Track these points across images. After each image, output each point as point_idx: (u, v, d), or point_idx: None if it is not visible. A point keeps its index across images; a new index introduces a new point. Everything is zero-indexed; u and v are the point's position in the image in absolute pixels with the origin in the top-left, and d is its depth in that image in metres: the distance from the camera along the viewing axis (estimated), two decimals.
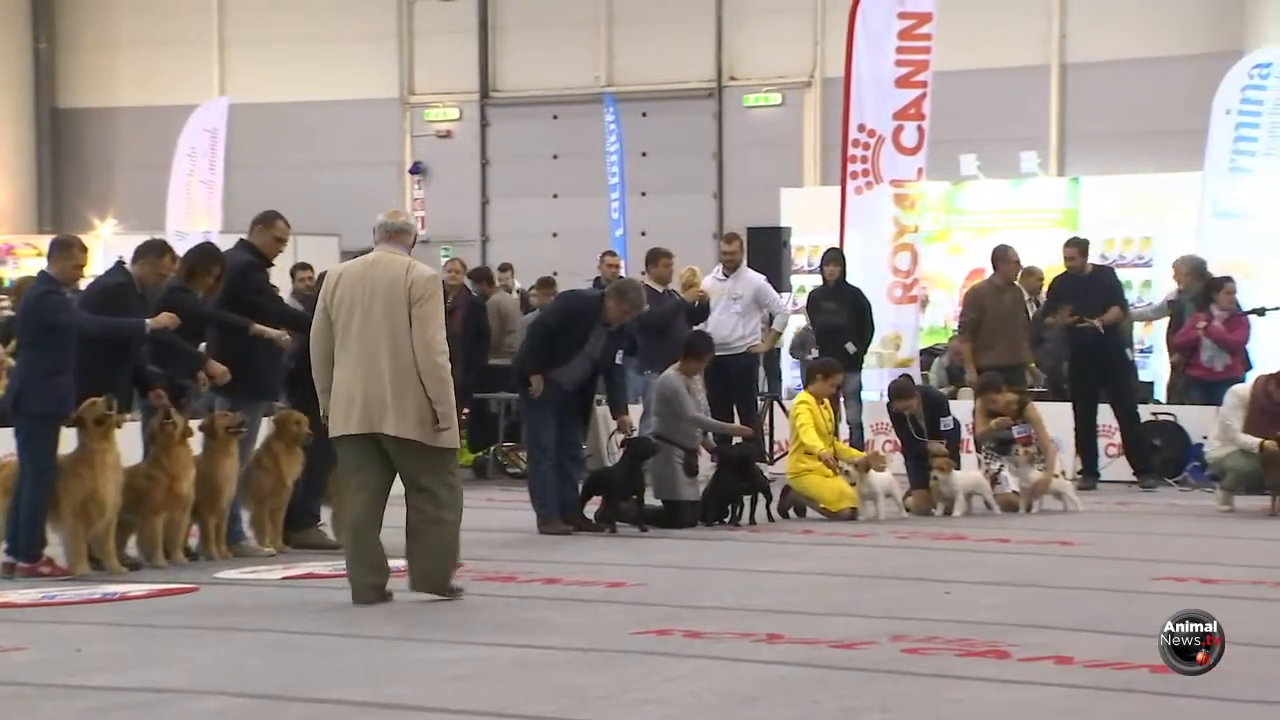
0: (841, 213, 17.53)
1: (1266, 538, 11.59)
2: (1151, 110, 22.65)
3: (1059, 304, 15.59)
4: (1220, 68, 19.56)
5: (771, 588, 9.26)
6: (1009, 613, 8.28)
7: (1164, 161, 21.08)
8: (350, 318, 8.66)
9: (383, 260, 8.76)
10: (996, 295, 15.72)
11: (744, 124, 25.81)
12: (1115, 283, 15.91)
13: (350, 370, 8.63)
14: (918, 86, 17.37)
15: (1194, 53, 22.27)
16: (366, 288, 8.66)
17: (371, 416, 8.59)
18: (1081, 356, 15.28)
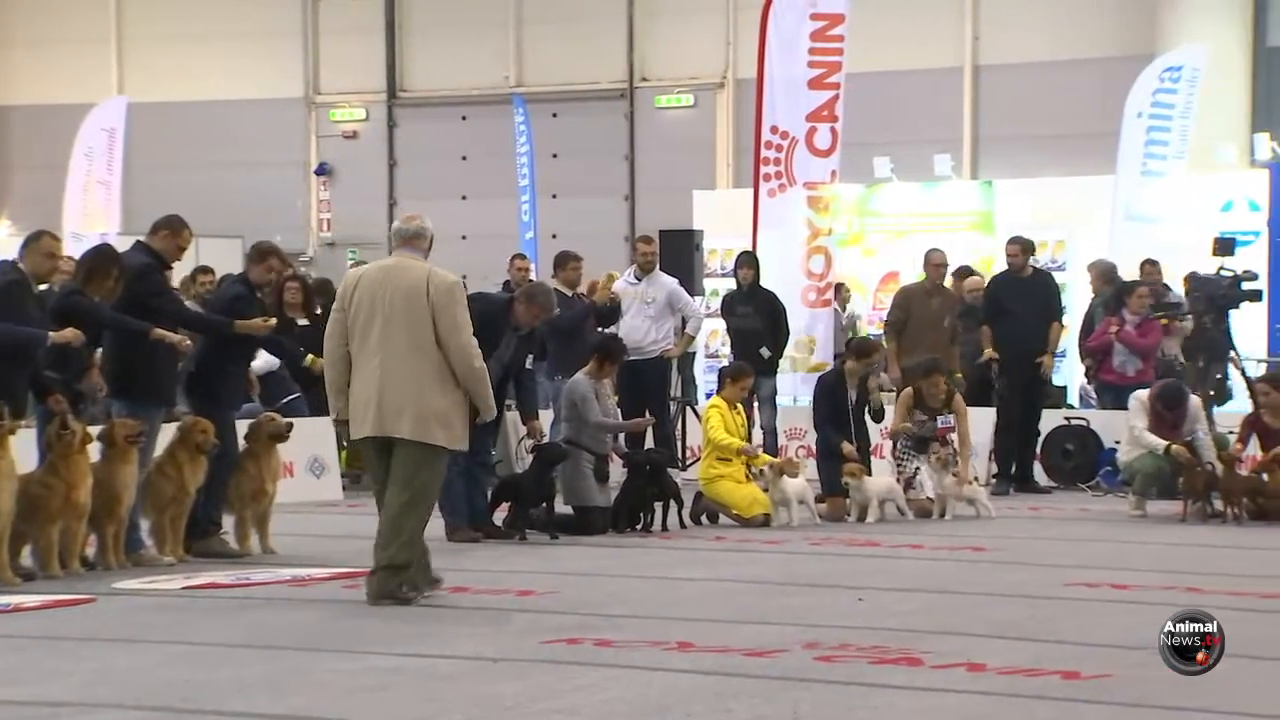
0: (754, 215, 17.61)
1: (1177, 542, 11.76)
2: (1064, 113, 22.93)
3: (997, 309, 15.67)
4: (1132, 71, 19.83)
5: (683, 595, 9.28)
6: (922, 619, 8.35)
7: (1077, 165, 21.34)
8: (369, 322, 8.83)
9: (401, 265, 8.94)
10: (924, 298, 15.85)
11: (656, 125, 25.88)
12: (1054, 288, 16.02)
13: (368, 374, 8.81)
14: (831, 88, 17.49)
15: (1106, 55, 22.57)
16: (385, 292, 8.82)
17: (386, 420, 8.77)
18: (1015, 364, 15.36)
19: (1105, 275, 17.16)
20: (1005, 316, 15.55)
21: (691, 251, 17.16)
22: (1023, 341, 15.41)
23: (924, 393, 13.67)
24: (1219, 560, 10.76)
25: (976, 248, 20.98)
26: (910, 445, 13.62)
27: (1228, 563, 10.63)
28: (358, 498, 15.11)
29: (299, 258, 23.43)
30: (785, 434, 16.15)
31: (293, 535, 11.54)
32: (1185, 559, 10.81)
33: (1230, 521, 12.80)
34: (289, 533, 11.51)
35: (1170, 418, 13.46)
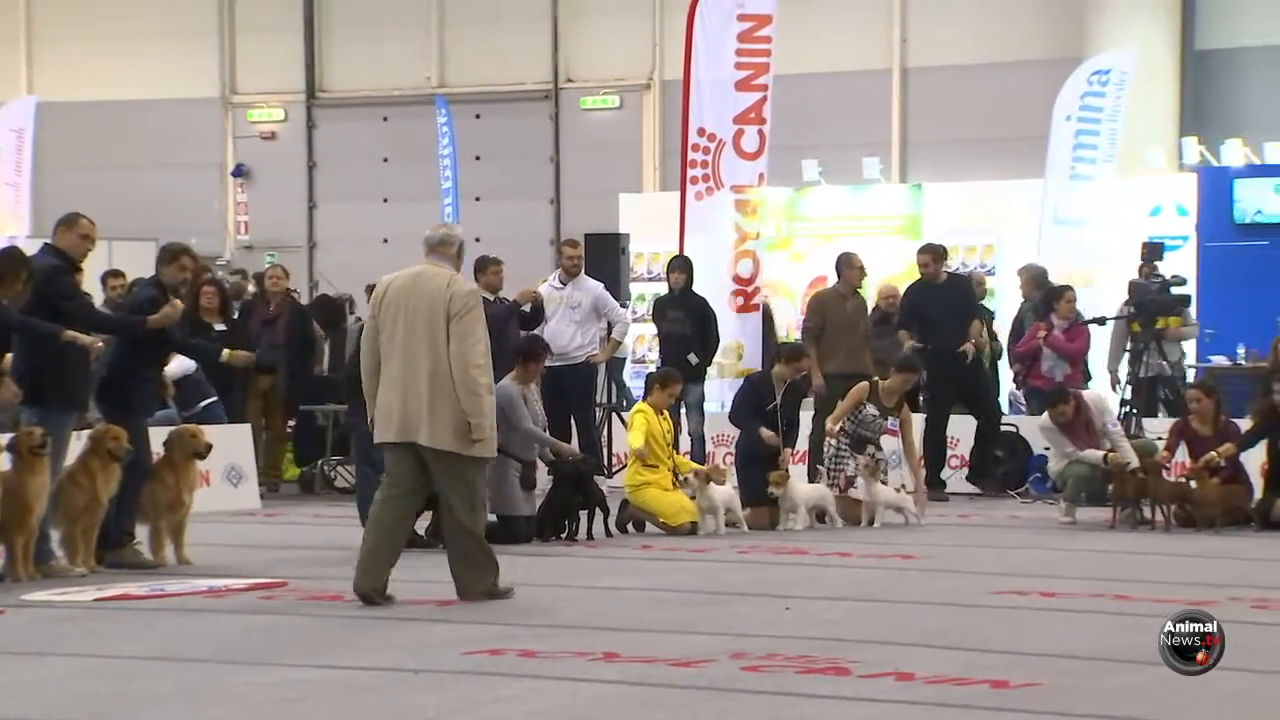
0: (681, 219, 17.63)
1: (1106, 550, 11.88)
2: (993, 116, 23.09)
3: (914, 315, 15.79)
4: (1060, 74, 20.01)
5: (609, 605, 9.28)
6: (850, 628, 8.40)
7: (1006, 168, 21.49)
8: (394, 329, 9.16)
9: (426, 273, 9.27)
10: (839, 303, 15.93)
11: (581, 127, 25.87)
12: (970, 291, 16.16)
13: (392, 380, 9.13)
14: (758, 90, 17.54)
15: (1034, 58, 22.74)
16: (410, 300, 9.16)
17: (408, 427, 9.09)
18: (938, 370, 15.47)
19: (1036, 280, 17.31)
20: (924, 324, 15.65)
21: (617, 255, 17.17)
22: (945, 347, 15.51)
23: (890, 389, 13.72)
24: (1147, 567, 10.87)
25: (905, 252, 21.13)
26: (848, 444, 13.66)
27: (1156, 570, 10.75)
28: (275, 507, 15.03)
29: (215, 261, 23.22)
30: (713, 440, 16.19)
31: (209, 545, 11.47)
32: (1114, 566, 10.92)
33: (1159, 528, 12.93)
34: (205, 543, 11.44)
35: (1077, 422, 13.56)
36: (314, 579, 10.18)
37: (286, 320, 16.42)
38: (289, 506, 15.19)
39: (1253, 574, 10.41)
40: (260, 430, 15.94)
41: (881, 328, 16.65)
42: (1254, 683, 7.07)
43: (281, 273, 17.12)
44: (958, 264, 19.94)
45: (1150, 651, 7.56)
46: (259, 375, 15.87)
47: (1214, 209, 19.64)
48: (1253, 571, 10.55)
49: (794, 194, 21.70)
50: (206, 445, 11.24)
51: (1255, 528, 12.76)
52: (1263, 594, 9.37)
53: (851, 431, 13.71)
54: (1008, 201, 20.71)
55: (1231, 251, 18.91)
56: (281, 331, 16.35)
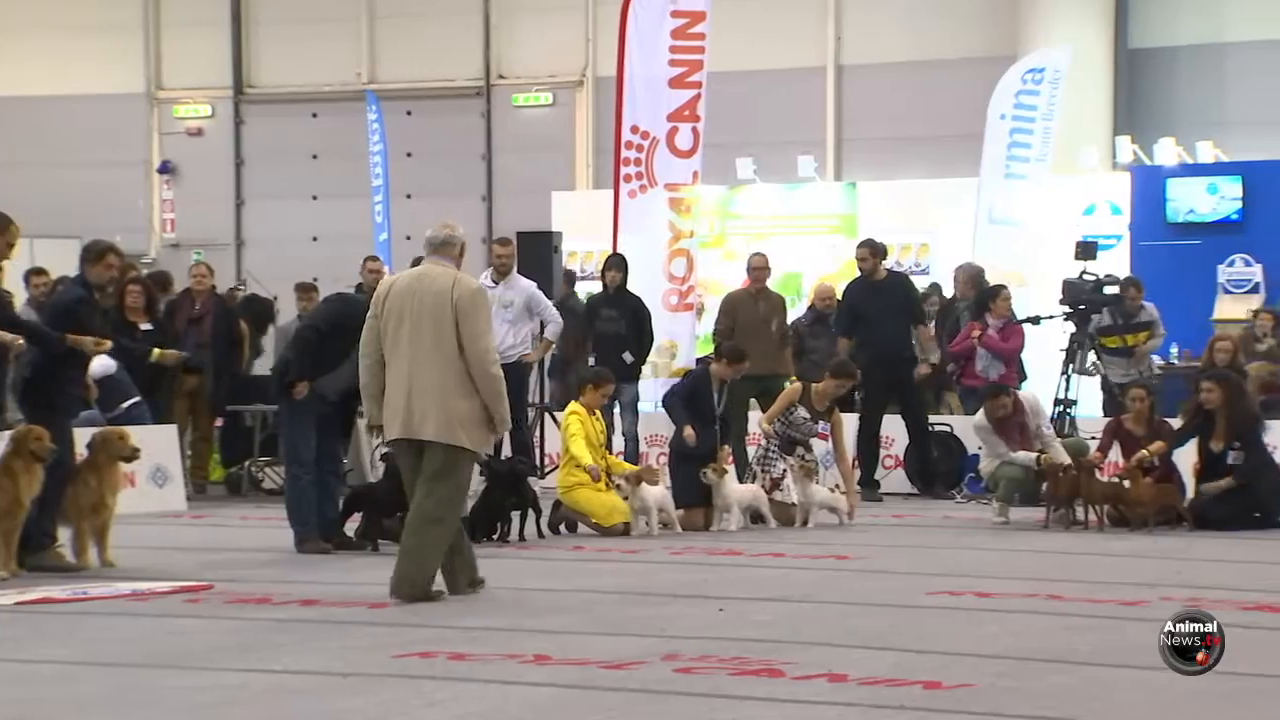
0: (615, 217, 17.66)
1: (1040, 550, 11.97)
2: (928, 114, 23.22)
3: (853, 314, 15.84)
4: (995, 72, 20.15)
5: (540, 606, 9.29)
6: (783, 630, 8.42)
7: (941, 167, 21.63)
8: (398, 328, 9.33)
9: (430, 273, 9.46)
10: (750, 303, 15.96)
11: (513, 124, 25.84)
12: (911, 291, 16.20)
13: (398, 380, 9.32)
14: (692, 87, 17.58)
15: (969, 56, 22.89)
16: (414, 299, 9.33)
17: (413, 423, 9.27)
18: (875, 369, 15.54)
19: (972, 279, 17.42)
20: (863, 322, 15.71)
21: (550, 254, 17.16)
22: (883, 346, 15.59)
23: (822, 392, 13.77)
24: (1081, 567, 10.96)
25: (840, 251, 21.24)
26: (778, 446, 13.70)
27: (1089, 570, 10.83)
28: (202, 508, 14.95)
29: (141, 260, 23.06)
30: (646, 441, 16.21)
31: (133, 548, 11.39)
32: (1047, 566, 11.01)
33: (1092, 528, 13.05)
34: (129, 545, 11.36)
35: (1013, 421, 13.66)
36: (241, 581, 10.12)
37: (212, 320, 16.32)
38: (215, 508, 15.11)
39: (1186, 573, 10.51)
40: (186, 431, 15.85)
41: (817, 328, 16.71)
42: (1189, 683, 7.13)
43: (206, 270, 17.02)
44: (892, 262, 20.05)
45: (1083, 651, 7.65)
46: (186, 375, 15.78)
47: (1147, 208, 19.85)
48: (1186, 571, 10.65)
49: (728, 192, 21.77)
50: (134, 449, 11.16)
51: (1188, 527, 12.89)
52: (1195, 594, 9.46)
53: (781, 433, 13.75)
54: (942, 200, 20.86)
55: (1165, 251, 19.11)
56: (207, 331, 16.25)
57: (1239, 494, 12.92)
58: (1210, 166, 20.26)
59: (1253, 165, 19.90)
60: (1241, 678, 6.95)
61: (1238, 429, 12.97)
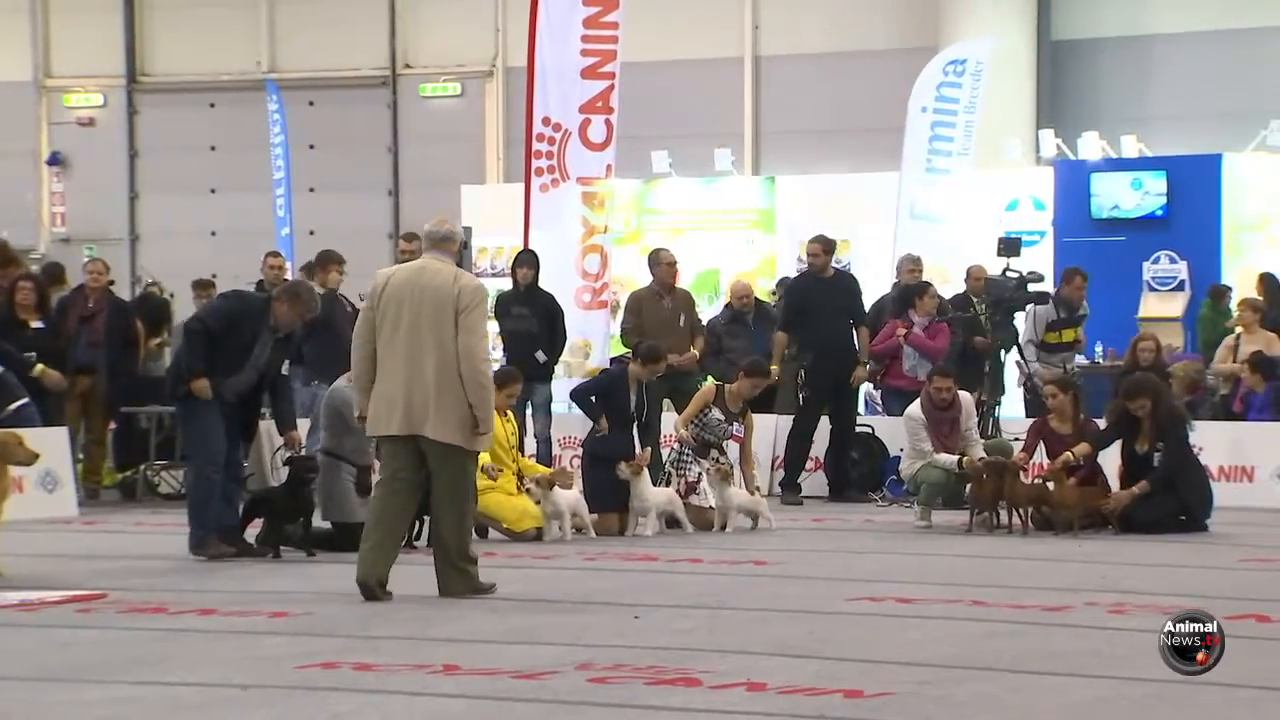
0: (526, 212, 17.63)
1: (962, 554, 12.05)
2: (848, 107, 23.35)
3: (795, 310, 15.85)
4: (916, 63, 20.27)
5: (449, 614, 9.26)
6: (701, 637, 8.44)
7: (862, 161, 21.75)
8: (397, 322, 9.58)
9: (430, 268, 9.70)
10: (656, 301, 15.98)
11: (421, 115, 25.76)
12: (857, 290, 16.21)
13: (394, 373, 9.58)
14: (605, 78, 17.58)
15: (890, 48, 23.04)
16: (414, 294, 9.58)
17: (413, 419, 9.53)
18: (820, 367, 15.56)
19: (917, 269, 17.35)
20: (807, 319, 15.72)
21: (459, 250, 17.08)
22: (827, 344, 15.60)
23: (736, 393, 13.79)
24: (1004, 572, 11.05)
25: (758, 247, 21.32)
26: (692, 448, 13.72)
27: (1013, 574, 10.93)
28: (95, 514, 14.80)
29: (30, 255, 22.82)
30: (559, 443, 16.19)
31: (22, 555, 11.26)
32: (970, 571, 11.09)
33: (1016, 532, 13.15)
34: (18, 553, 11.23)
35: (948, 415, 13.76)
36: (135, 590, 10.04)
37: (106, 318, 16.16)
38: (109, 514, 14.97)
39: (1111, 578, 10.62)
40: (78, 433, 15.68)
41: (734, 328, 16.73)
42: (1112, 690, 7.22)
43: (102, 267, 16.85)
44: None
45: (1007, 658, 7.72)
46: (79, 375, 15.61)
47: (1071, 203, 20.05)
48: (1110, 575, 10.76)
49: (643, 186, 21.79)
50: (32, 454, 11.04)
51: (1113, 530, 13.02)
52: (1120, 598, 9.56)
53: (696, 435, 13.78)
54: (863, 195, 20.96)
55: (1089, 247, 19.29)
56: (100, 329, 16.09)
57: (1164, 497, 13.05)
58: (1134, 161, 20.49)
59: (1177, 160, 20.13)
60: (1160, 684, 7.04)
61: (1162, 430, 13.09)
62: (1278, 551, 12.00)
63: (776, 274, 20.59)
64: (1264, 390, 15.42)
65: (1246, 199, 19.82)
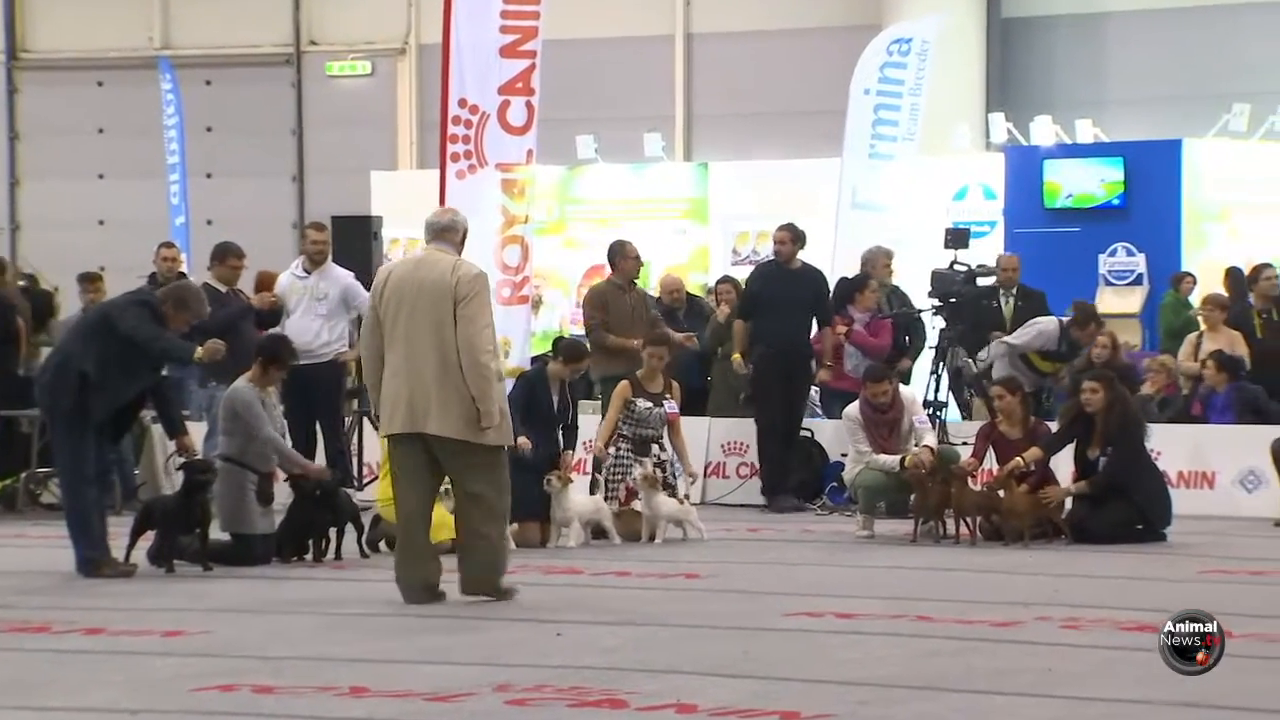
0: (441, 200, 17.57)
1: (907, 566, 12.13)
2: (787, 89, 23.44)
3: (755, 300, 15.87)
4: (859, 42, 20.34)
5: (357, 633, 9.25)
6: (627, 655, 8.46)
7: (801, 146, 21.84)
8: (397, 317, 9.95)
9: (429, 259, 10.10)
10: (619, 295, 16.01)
11: (328, 96, 25.68)
12: (824, 285, 16.19)
13: (396, 370, 9.95)
14: (526, 56, 17.55)
15: (831, 25, 23.14)
16: (413, 287, 9.94)
17: (415, 416, 9.89)
18: (771, 361, 15.60)
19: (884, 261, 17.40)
20: (766, 310, 15.74)
21: (369, 240, 17.07)
22: (786, 338, 15.63)
23: (648, 373, 13.82)
24: (950, 585, 11.13)
25: (692, 238, 21.37)
26: (629, 450, 13.73)
27: (960, 588, 11.00)
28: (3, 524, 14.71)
29: None
30: None
31: None
32: (914, 584, 11.16)
33: (964, 542, 13.24)
34: None
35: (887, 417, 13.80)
36: (16, 608, 9.97)
37: None
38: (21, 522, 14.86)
39: (1063, 591, 10.71)
40: None
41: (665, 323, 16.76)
42: (1064, 710, 7.29)
43: None
44: (747, 252, 20.22)
45: (953, 677, 7.78)
46: None
47: (1023, 191, 20.18)
48: (1063, 588, 10.85)
49: (567, 173, 21.80)
50: None
51: (1066, 540, 13.12)
52: (1073, 613, 9.65)
53: (631, 434, 13.80)
54: (802, 183, 21.03)
55: (1041, 239, 19.43)
56: None
57: (1120, 504, 13.15)
58: (1090, 147, 20.65)
59: (1135, 146, 20.30)
60: (1114, 704, 7.11)
61: (1113, 434, 13.18)
62: (1240, 563, 12.13)
63: (710, 266, 20.66)
64: (1225, 390, 15.56)
65: (1208, 187, 20.01)
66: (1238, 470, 14.99)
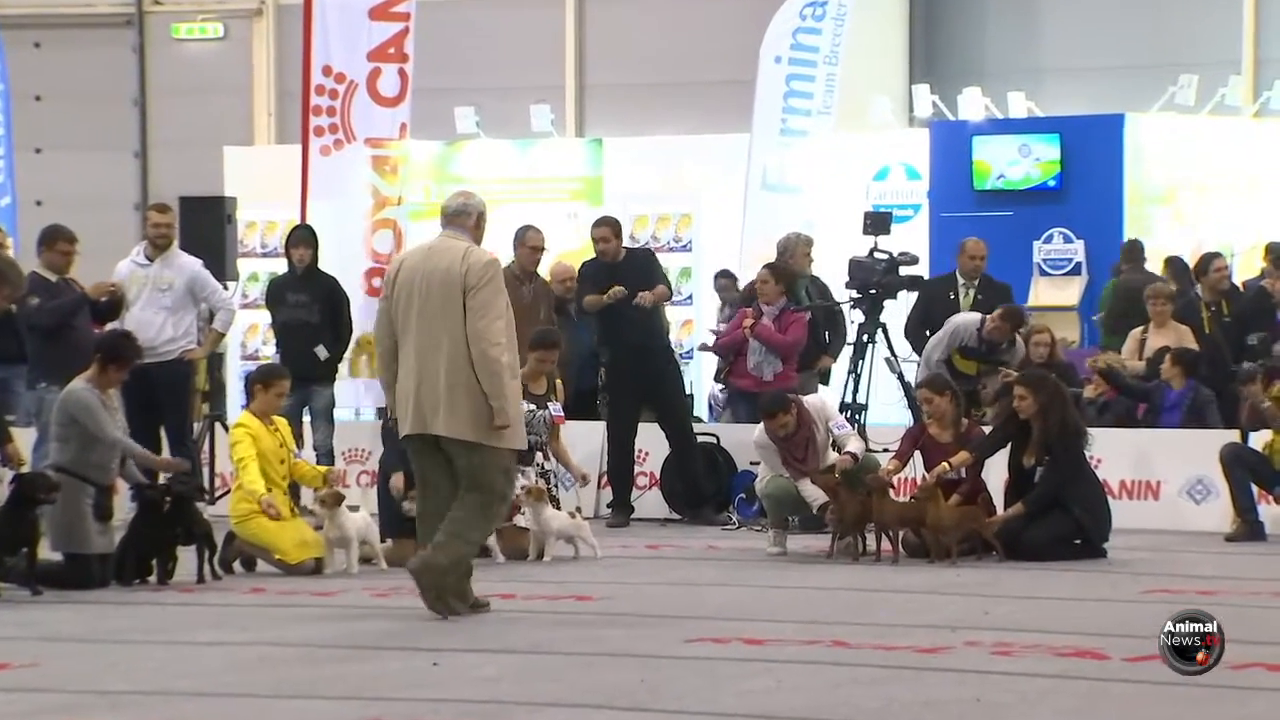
0: (304, 179, 17.55)
1: (823, 586, 12.17)
2: (689, 57, 23.49)
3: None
4: (769, 6, 20.41)
5: (208, 664, 9.20)
6: (511, 687, 8.46)
7: (705, 120, 21.90)
8: (408, 311, 10.29)
9: (440, 247, 10.43)
10: (515, 286, 15.99)
11: (174, 62, 25.52)
12: (651, 263, 16.29)
13: (409, 368, 10.30)
14: (398, 19, 17.55)
15: None
16: (422, 278, 10.27)
17: (425, 416, 10.25)
18: (621, 365, 15.64)
19: None
20: (605, 313, 15.83)
21: (221, 223, 16.98)
22: (626, 337, 15.69)
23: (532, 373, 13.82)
24: (870, 607, 11.18)
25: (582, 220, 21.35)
26: None
27: (881, 610, 11.06)
28: None
29: None
30: (344, 456, 16.14)
31: None
32: (831, 606, 11.21)
33: (885, 559, 13.30)
34: None
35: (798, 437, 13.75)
36: None
37: None
38: None
39: (994, 613, 10.78)
40: None
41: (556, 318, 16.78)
42: None
43: None
44: (646, 237, 20.22)
45: (872, 708, 7.82)
46: None
47: (949, 172, 20.31)
48: (994, 610, 10.92)
49: (445, 149, 21.77)
50: None
51: (998, 557, 13.20)
52: (1005, 637, 9.71)
53: None
54: (707, 161, 21.09)
55: (970, 223, 19.54)
56: None
57: (1057, 517, 13.24)
58: (1023, 122, 20.82)
59: (1072, 121, 20.48)
60: None
61: (1051, 443, 13.26)
62: (1187, 581, 12.26)
63: None
64: (1182, 388, 15.70)
65: (1152, 167, 20.22)
66: (1185, 479, 15.14)
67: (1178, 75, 20.61)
